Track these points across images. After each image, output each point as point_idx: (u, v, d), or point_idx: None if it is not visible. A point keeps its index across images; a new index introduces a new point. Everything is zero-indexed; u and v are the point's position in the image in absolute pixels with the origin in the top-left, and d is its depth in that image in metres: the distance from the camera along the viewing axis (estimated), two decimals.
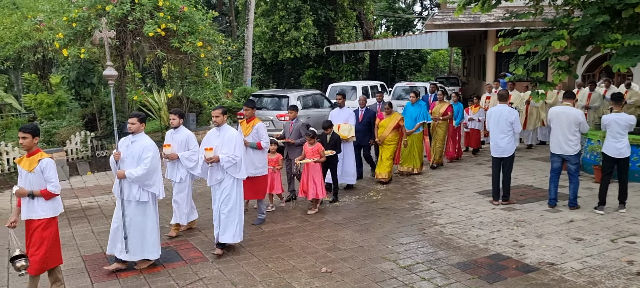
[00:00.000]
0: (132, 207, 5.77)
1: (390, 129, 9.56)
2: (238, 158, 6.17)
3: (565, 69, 9.61)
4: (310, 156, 7.86)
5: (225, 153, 6.14)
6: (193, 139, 7.03)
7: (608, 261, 5.78)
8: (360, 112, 9.85)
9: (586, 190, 8.82)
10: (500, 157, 8.13)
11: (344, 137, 8.95)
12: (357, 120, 9.71)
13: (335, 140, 8.44)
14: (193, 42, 11.90)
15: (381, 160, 9.73)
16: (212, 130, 6.46)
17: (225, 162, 6.11)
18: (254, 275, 5.66)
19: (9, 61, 16.75)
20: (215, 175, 6.25)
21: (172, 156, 6.91)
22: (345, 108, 9.58)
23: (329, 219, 7.68)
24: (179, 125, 7.07)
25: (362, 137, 9.75)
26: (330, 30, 28.98)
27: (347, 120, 9.37)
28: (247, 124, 7.37)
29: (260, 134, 7.27)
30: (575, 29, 8.89)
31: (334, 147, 8.33)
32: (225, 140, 6.23)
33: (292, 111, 8.64)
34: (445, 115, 11.18)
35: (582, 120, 7.63)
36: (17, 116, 16.65)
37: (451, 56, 43.29)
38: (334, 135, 8.50)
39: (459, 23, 19.56)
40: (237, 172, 6.22)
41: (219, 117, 6.29)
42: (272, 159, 8.08)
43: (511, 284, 5.24)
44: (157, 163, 5.82)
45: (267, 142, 7.33)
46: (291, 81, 30.77)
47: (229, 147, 6.18)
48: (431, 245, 6.45)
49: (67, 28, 11.68)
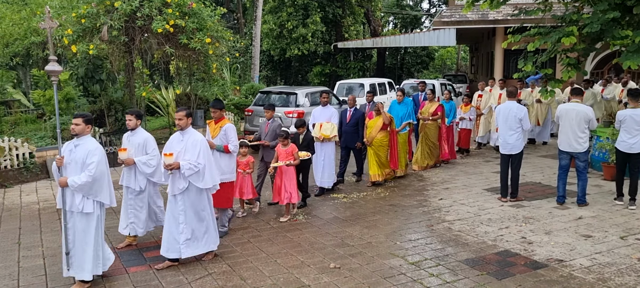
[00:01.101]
0: (75, 219, 5.26)
1: (377, 128, 9.10)
2: (201, 166, 5.65)
3: (575, 65, 9.55)
4: (284, 158, 7.45)
5: (188, 160, 5.64)
6: (152, 142, 6.38)
7: (617, 258, 5.76)
8: (349, 112, 9.43)
9: (595, 188, 8.77)
10: (508, 154, 8.10)
11: (326, 137, 8.63)
12: (345, 121, 9.38)
13: (308, 141, 8.06)
14: (201, 39, 11.93)
15: (374, 162, 9.22)
16: (175, 134, 5.96)
17: (187, 169, 5.58)
18: (263, 270, 5.68)
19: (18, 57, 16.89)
20: (177, 183, 5.71)
21: (128, 161, 6.23)
22: (329, 106, 9.19)
23: (337, 216, 7.69)
24: (136, 126, 6.40)
25: (350, 138, 9.37)
26: (338, 27, 28.96)
27: (330, 119, 8.91)
28: (214, 125, 6.87)
29: (228, 136, 6.76)
30: (584, 25, 8.82)
31: (307, 148, 7.96)
32: (188, 146, 5.72)
33: (268, 111, 8.19)
34: (435, 115, 10.71)
35: (591, 117, 7.61)
36: (26, 112, 16.77)
37: (459, 53, 43.14)
38: (307, 135, 8.10)
39: (467, 20, 19.47)
40: (200, 180, 5.69)
41: (182, 120, 5.76)
42: (242, 162, 7.56)
43: (520, 280, 5.23)
44: (104, 169, 5.27)
45: (236, 145, 6.84)
46: (299, 78, 30.79)
47: (192, 153, 5.66)
48: (439, 242, 6.45)
49: (76, 24, 11.74)
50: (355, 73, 28.34)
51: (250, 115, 13.53)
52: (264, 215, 7.78)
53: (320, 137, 8.68)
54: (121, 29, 11.63)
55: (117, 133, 12.63)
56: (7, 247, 6.72)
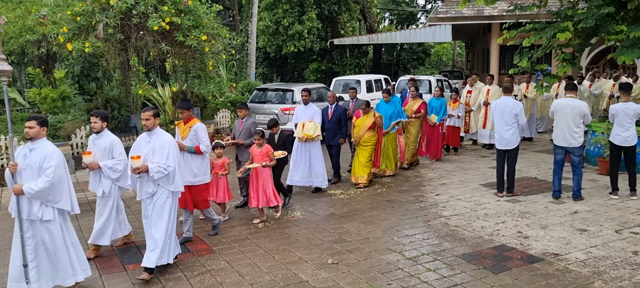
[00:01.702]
0: (36, 228, 4.90)
1: (366, 128, 8.93)
2: (171, 169, 5.38)
3: (570, 61, 9.60)
4: (259, 160, 7.15)
5: (156, 163, 5.37)
6: (118, 145, 6.10)
7: (612, 251, 5.81)
8: (330, 109, 9.26)
9: (590, 182, 8.83)
10: (505, 149, 8.15)
11: (309, 136, 8.38)
12: (327, 118, 9.20)
13: (283, 140, 7.83)
14: (197, 36, 11.91)
15: (358, 162, 9.07)
16: (143, 135, 5.64)
17: (155, 172, 5.32)
18: (261, 266, 5.70)
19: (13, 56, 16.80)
20: (145, 187, 5.46)
21: (93, 165, 5.93)
22: (311, 105, 8.96)
23: (334, 212, 7.72)
24: (102, 129, 6.07)
25: (332, 136, 9.23)
26: (334, 24, 28.96)
27: (313, 117, 8.67)
28: (184, 125, 6.53)
29: (199, 136, 6.44)
30: (579, 20, 8.87)
31: (283, 147, 7.75)
32: (156, 147, 5.44)
33: (241, 109, 7.94)
34: (418, 112, 10.60)
35: (586, 111, 7.67)
36: (21, 111, 16.70)
37: (455, 50, 43.19)
38: (282, 134, 7.89)
39: (463, 16, 19.52)
40: (170, 183, 5.43)
41: (149, 121, 5.47)
42: (217, 164, 7.31)
43: (516, 274, 5.28)
44: (63, 174, 4.90)
45: (207, 145, 6.51)
46: (295, 75, 30.79)
47: (160, 155, 5.39)
48: (436, 237, 6.49)
49: (71, 22, 11.70)
50: (351, 70, 28.36)
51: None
52: None
53: (303, 137, 8.41)
54: (117, 27, 11.60)
55: (113, 131, 12.61)
56: (4, 246, 6.72)
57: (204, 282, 5.33)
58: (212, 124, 15.06)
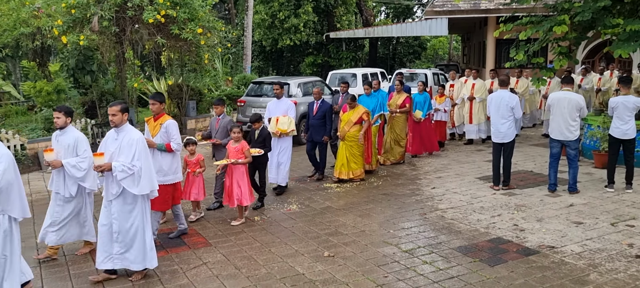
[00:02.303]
0: None
1: (351, 123, 8.68)
2: (136, 169, 4.98)
3: (566, 54, 9.63)
4: (234, 156, 6.83)
5: (122, 162, 4.98)
6: (83, 142, 5.71)
7: (608, 244, 5.83)
8: (315, 105, 8.98)
9: (586, 175, 8.86)
10: (500, 143, 8.16)
11: (283, 131, 8.14)
12: (311, 114, 8.99)
13: (264, 137, 7.47)
14: (193, 29, 11.86)
15: (345, 157, 8.80)
16: (110, 132, 5.27)
17: (119, 171, 4.91)
18: (257, 259, 5.70)
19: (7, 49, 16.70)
20: (110, 188, 5.10)
21: (55, 163, 5.55)
22: (284, 99, 8.64)
23: (330, 205, 7.71)
24: (65, 125, 5.73)
25: (316, 132, 8.92)
26: (330, 17, 28.88)
27: (286, 112, 8.37)
28: (154, 121, 6.23)
29: (170, 133, 6.15)
30: (576, 14, 8.89)
31: (263, 145, 7.40)
32: (123, 145, 5.05)
33: (217, 106, 7.64)
34: (402, 107, 10.20)
35: (583, 105, 7.68)
36: (16, 104, 16.62)
37: (451, 43, 43.21)
38: (263, 131, 7.51)
39: (459, 9, 19.50)
40: (135, 186, 5.00)
41: (116, 116, 5.08)
42: (191, 161, 6.99)
43: (512, 267, 5.29)
44: (13, 178, 4.31)
45: (178, 143, 6.21)
46: (291, 68, 30.72)
47: (127, 154, 5.01)
48: (432, 230, 6.50)
49: (66, 15, 11.63)
50: (347, 63, 28.33)
51: (243, 106, 13.51)
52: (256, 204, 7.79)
53: (276, 132, 8.14)
54: (112, 20, 11.53)
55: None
56: None
57: (200, 275, 5.32)
58: (208, 117, 15.01)
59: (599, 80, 13.19)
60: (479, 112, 11.86)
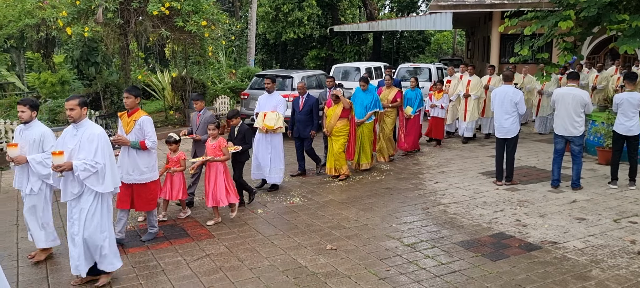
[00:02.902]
0: None
1: (337, 117, 8.47)
2: (100, 166, 4.72)
3: (571, 50, 9.59)
4: (212, 153, 6.58)
5: (82, 159, 4.69)
6: (50, 137, 5.47)
7: (610, 240, 5.84)
8: (301, 100, 8.76)
9: (589, 172, 8.85)
10: (504, 138, 8.15)
11: (269, 127, 7.83)
12: (297, 109, 8.77)
13: (243, 133, 7.19)
14: (197, 22, 11.85)
15: (331, 153, 8.66)
16: (68, 128, 4.94)
17: (81, 170, 4.64)
18: (260, 251, 5.73)
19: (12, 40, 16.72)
20: (70, 187, 4.80)
21: (19, 159, 5.32)
22: (275, 94, 8.28)
23: (333, 198, 7.73)
24: (30, 119, 5.46)
25: (302, 128, 8.75)
26: (334, 10, 28.82)
27: (276, 107, 8.04)
28: (128, 117, 5.83)
29: (144, 130, 5.78)
30: (582, 9, 8.84)
31: (242, 141, 7.15)
32: (83, 141, 4.76)
33: (197, 101, 7.34)
34: (394, 102, 9.91)
35: (587, 101, 7.66)
36: (20, 95, 16.67)
37: (455, 38, 43.04)
38: (242, 127, 7.23)
39: (464, 4, 19.40)
40: (99, 184, 4.77)
41: (74, 110, 4.77)
42: (172, 159, 6.78)
43: (514, 262, 5.30)
44: None
45: (154, 141, 5.84)
46: (294, 62, 30.69)
47: (88, 150, 4.72)
48: (435, 224, 6.51)
49: (71, 6, 11.63)
50: (351, 57, 28.28)
51: (247, 99, 13.52)
52: (260, 197, 7.82)
53: (263, 127, 7.86)
54: (116, 11, 11.54)
55: (113, 116, 12.61)
56: (5, 229, 6.74)
57: (204, 267, 5.35)
58: (211, 109, 15.04)
59: (596, 78, 13.05)
60: (474, 110, 11.62)
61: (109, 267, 4.98)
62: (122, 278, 5.14)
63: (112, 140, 5.49)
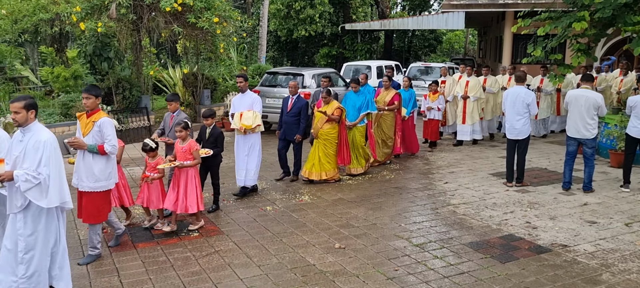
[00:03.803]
0: None
1: (324, 119, 8.17)
2: (42, 177, 4.22)
3: (585, 51, 9.49)
4: (181, 157, 6.15)
5: (25, 169, 4.22)
6: (5, 141, 4.96)
7: (622, 244, 5.78)
8: (290, 100, 8.40)
9: (601, 174, 8.76)
10: (515, 139, 8.10)
11: (247, 127, 7.45)
12: (285, 110, 8.42)
13: (216, 136, 6.86)
14: (209, 18, 11.91)
15: (316, 157, 8.29)
16: (16, 133, 4.52)
17: (22, 181, 4.16)
18: (269, 248, 5.75)
19: (26, 34, 16.89)
20: (14, 199, 4.33)
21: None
22: (249, 93, 7.87)
23: (342, 197, 7.73)
24: None
25: (289, 130, 8.36)
26: (346, 8, 28.76)
27: (252, 106, 7.66)
28: (86, 118, 5.31)
29: (104, 133, 5.23)
30: (596, 10, 8.75)
31: (214, 144, 6.80)
32: (29, 149, 4.28)
33: (171, 102, 6.94)
34: (391, 104, 9.51)
35: (601, 103, 7.58)
36: (34, 89, 16.85)
37: (467, 37, 42.79)
38: (215, 130, 6.90)
39: (477, 3, 19.28)
40: (42, 197, 4.26)
41: (19, 114, 4.30)
42: (150, 164, 6.35)
43: (523, 264, 5.27)
44: None
45: (113, 145, 5.27)
46: (305, 59, 30.69)
47: (33, 159, 4.24)
48: (444, 225, 6.49)
49: (85, 1, 11.75)
50: (362, 55, 28.21)
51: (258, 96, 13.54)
52: (269, 194, 7.84)
53: (241, 128, 7.49)
54: (129, 7, 11.62)
55: (124, 111, 12.71)
56: None
57: (212, 263, 5.39)
58: (222, 106, 15.10)
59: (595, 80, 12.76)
60: (473, 112, 11.18)
61: None
62: (131, 273, 5.19)
63: (67, 142, 5.20)
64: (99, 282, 4.99)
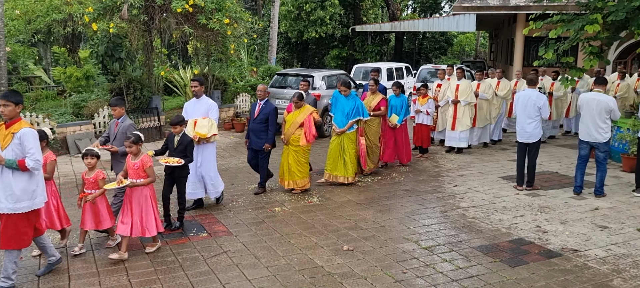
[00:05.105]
0: None
1: (296, 125, 7.69)
2: None
3: (597, 54, 9.40)
4: (134, 174, 5.45)
5: None
6: None
7: (633, 250, 5.71)
8: (258, 106, 7.73)
9: (613, 179, 8.67)
10: (526, 143, 8.04)
11: (202, 136, 6.80)
12: (252, 116, 7.78)
13: (185, 144, 6.20)
14: (220, 19, 11.95)
15: (286, 165, 7.85)
16: None
17: None
18: (277, 250, 5.75)
19: (39, 34, 17.09)
20: None
21: None
22: (204, 98, 7.17)
23: (351, 199, 7.72)
24: None
25: (256, 138, 7.72)
26: (356, 10, 28.76)
27: (207, 113, 7.01)
28: (5, 129, 4.63)
29: (25, 146, 4.54)
30: (609, 13, 8.65)
31: (183, 154, 6.16)
32: None
33: (116, 107, 6.17)
34: (377, 109, 8.96)
35: (613, 107, 7.51)
36: (46, 89, 17.03)
37: (478, 40, 42.57)
38: (184, 138, 6.24)
39: (488, 5, 19.20)
40: None
41: None
42: (88, 180, 5.52)
43: (533, 269, 5.23)
44: None
45: (36, 160, 4.56)
46: (315, 61, 30.72)
47: None
48: (453, 228, 6.45)
49: (97, 2, 11.85)
50: (372, 57, 28.19)
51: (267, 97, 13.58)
52: (277, 196, 7.84)
53: (195, 137, 6.76)
54: (141, 8, 11.70)
55: (135, 111, 12.79)
56: None
57: (221, 263, 5.40)
58: (232, 107, 15.15)
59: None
60: (464, 117, 10.51)
61: None
62: (140, 272, 5.21)
63: None
64: (108, 281, 5.02)
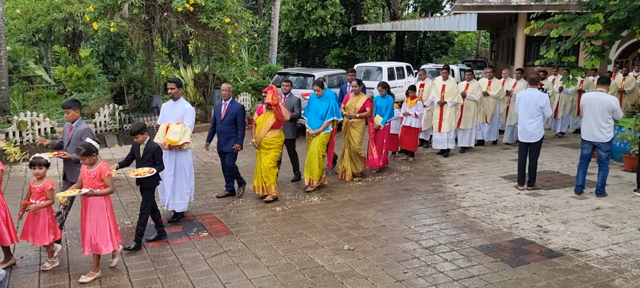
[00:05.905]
0: None
1: (268, 127, 7.36)
2: None
3: (599, 54, 9.38)
4: (90, 184, 4.92)
5: None
6: None
7: (635, 249, 5.69)
8: (224, 106, 7.40)
9: (614, 178, 8.65)
10: (527, 142, 8.02)
11: (173, 143, 6.34)
12: (219, 118, 7.43)
13: (152, 152, 5.70)
14: (221, 18, 11.95)
15: (260, 168, 7.45)
16: None
17: None
18: (277, 249, 5.74)
19: (40, 33, 17.10)
20: None
21: None
22: (181, 101, 6.72)
23: (351, 198, 7.71)
24: None
25: (224, 140, 7.40)
26: (357, 9, 28.75)
27: (183, 118, 6.57)
28: None
29: None
30: (611, 12, 8.63)
31: (152, 162, 5.67)
32: None
33: (69, 110, 5.66)
34: (362, 111, 8.58)
35: (616, 107, 7.49)
36: (47, 88, 17.03)
37: (479, 39, 42.54)
38: (150, 145, 5.74)
39: (489, 5, 19.18)
40: None
41: None
42: (35, 189, 5.01)
43: (534, 268, 5.21)
44: None
45: None
46: (316, 60, 30.72)
47: None
48: (454, 227, 6.44)
49: (98, 1, 11.86)
50: (373, 56, 28.19)
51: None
52: (279, 194, 7.83)
53: (165, 143, 6.32)
54: (142, 7, 11.70)
55: (136, 110, 12.79)
56: None
57: (221, 263, 5.39)
58: None
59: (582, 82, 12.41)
60: (451, 118, 10.25)
61: None
62: (141, 272, 5.21)
63: None
64: (108, 281, 5.01)
